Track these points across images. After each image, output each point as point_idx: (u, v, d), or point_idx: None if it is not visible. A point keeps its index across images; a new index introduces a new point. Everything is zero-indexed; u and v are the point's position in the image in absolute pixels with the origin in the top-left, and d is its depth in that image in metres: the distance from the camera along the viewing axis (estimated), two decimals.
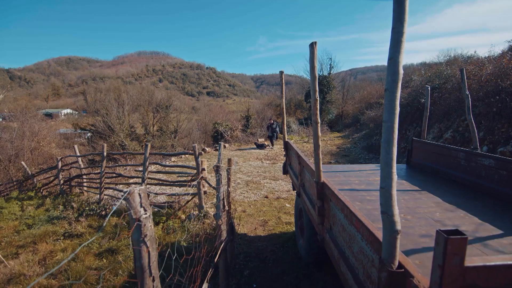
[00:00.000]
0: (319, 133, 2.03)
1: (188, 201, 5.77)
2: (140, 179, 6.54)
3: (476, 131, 3.46)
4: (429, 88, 3.82)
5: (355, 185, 3.17)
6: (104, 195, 6.93)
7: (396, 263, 1.01)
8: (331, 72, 25.62)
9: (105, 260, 3.99)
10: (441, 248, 0.75)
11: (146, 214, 1.23)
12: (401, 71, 0.95)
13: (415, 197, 2.77)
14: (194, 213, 5.41)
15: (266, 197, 6.60)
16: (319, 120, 1.94)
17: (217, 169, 2.33)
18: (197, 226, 4.75)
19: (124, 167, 9.30)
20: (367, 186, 3.16)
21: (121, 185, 7.70)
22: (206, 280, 1.69)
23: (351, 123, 23.17)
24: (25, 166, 8.31)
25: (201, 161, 5.89)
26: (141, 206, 1.22)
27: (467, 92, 3.43)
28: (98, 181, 7.14)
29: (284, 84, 3.55)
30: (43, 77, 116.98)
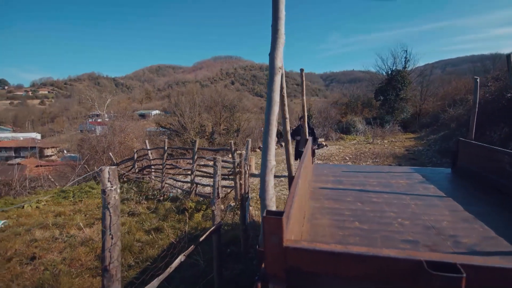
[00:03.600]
0: (289, 137, 2.06)
1: (227, 193, 6.22)
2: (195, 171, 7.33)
3: None
4: (478, 80, 3.23)
5: (370, 187, 2.98)
6: (165, 183, 8.01)
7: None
8: (407, 66, 22.88)
9: (150, 236, 4.72)
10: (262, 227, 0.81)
11: (112, 187, 1.58)
12: (278, 65, 1.00)
13: (431, 204, 2.46)
14: (231, 204, 5.83)
15: None
16: (287, 116, 1.97)
17: (214, 162, 2.58)
18: (229, 215, 5.13)
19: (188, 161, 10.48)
20: (383, 188, 2.94)
21: (180, 176, 8.74)
22: (183, 254, 1.97)
23: (429, 123, 20.30)
24: (112, 156, 10.35)
25: (250, 158, 6.30)
26: (108, 180, 1.57)
27: None
28: (160, 171, 8.30)
29: (304, 82, 3.55)
30: (139, 83, 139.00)
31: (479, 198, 2.62)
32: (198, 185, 7.04)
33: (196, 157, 6.65)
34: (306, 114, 3.94)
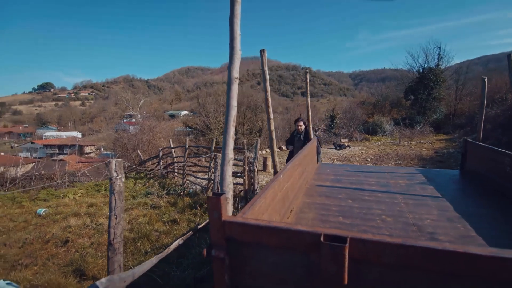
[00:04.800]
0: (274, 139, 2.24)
1: (241, 190, 6.49)
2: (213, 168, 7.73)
3: None
4: (485, 80, 3.14)
5: (367, 186, 3.06)
6: (186, 180, 8.48)
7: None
8: (440, 63, 21.57)
9: (167, 227, 5.12)
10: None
11: (117, 176, 1.88)
12: (234, 76, 1.20)
13: (422, 203, 2.50)
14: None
15: None
16: (271, 117, 2.15)
17: (214, 158, 2.82)
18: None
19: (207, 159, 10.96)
20: (380, 187, 3.00)
21: (201, 174, 9.19)
22: (181, 238, 2.23)
23: (463, 124, 19.05)
24: (140, 154, 11.14)
25: (266, 157, 6.58)
26: (114, 171, 1.88)
27: None
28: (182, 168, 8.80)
29: (308, 83, 3.68)
30: (169, 85, 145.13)
31: (477, 200, 2.61)
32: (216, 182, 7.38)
33: (213, 155, 7.00)
34: (310, 116, 4.06)
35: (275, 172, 2.56)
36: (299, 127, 4.82)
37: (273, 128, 2.09)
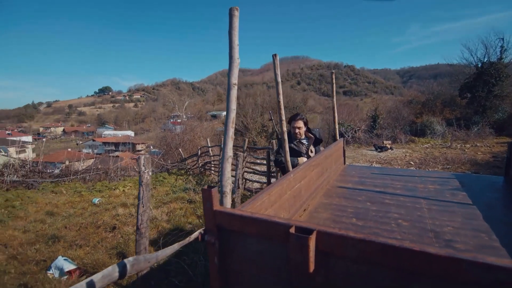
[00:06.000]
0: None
1: None
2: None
3: None
4: None
5: (391, 189, 2.95)
6: None
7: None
8: (503, 57, 19.03)
9: (200, 221, 5.47)
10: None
11: (145, 170, 2.16)
12: (233, 82, 1.33)
13: (447, 210, 2.36)
14: None
15: None
16: (283, 118, 2.20)
17: (236, 157, 2.99)
18: None
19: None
20: (404, 191, 2.88)
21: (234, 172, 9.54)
22: (202, 229, 2.43)
23: None
24: (181, 152, 11.95)
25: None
26: (143, 165, 2.16)
27: None
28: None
29: (334, 83, 3.64)
30: (212, 87, 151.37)
31: None
32: (248, 181, 7.62)
33: (245, 154, 7.25)
34: (336, 117, 4.01)
35: (284, 172, 2.65)
36: (298, 130, 3.07)
37: (285, 129, 2.18)
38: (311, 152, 3.15)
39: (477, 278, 0.75)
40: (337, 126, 4.12)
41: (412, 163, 10.41)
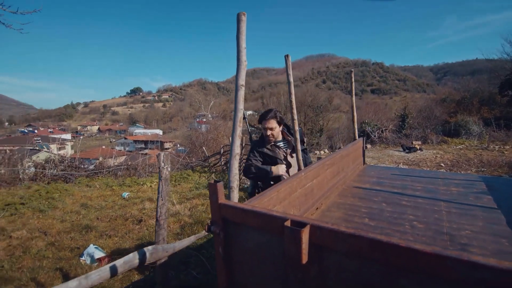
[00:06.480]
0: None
1: None
2: None
3: None
4: None
5: (410, 191, 2.87)
6: (242, 176, 9.04)
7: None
8: None
9: None
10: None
11: (164, 166, 2.31)
12: (240, 83, 1.39)
13: (468, 213, 2.25)
14: None
15: None
16: (295, 117, 2.23)
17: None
18: None
19: None
20: (424, 193, 2.78)
21: None
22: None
23: None
24: (205, 150, 12.32)
25: (319, 158, 6.62)
26: (162, 161, 2.31)
27: None
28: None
29: (353, 82, 3.58)
30: None
31: None
32: None
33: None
34: (355, 116, 3.94)
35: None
36: (270, 132, 2.44)
37: (297, 128, 2.22)
38: (291, 157, 2.50)
39: (463, 276, 0.76)
40: (356, 126, 4.05)
41: (443, 165, 9.84)
